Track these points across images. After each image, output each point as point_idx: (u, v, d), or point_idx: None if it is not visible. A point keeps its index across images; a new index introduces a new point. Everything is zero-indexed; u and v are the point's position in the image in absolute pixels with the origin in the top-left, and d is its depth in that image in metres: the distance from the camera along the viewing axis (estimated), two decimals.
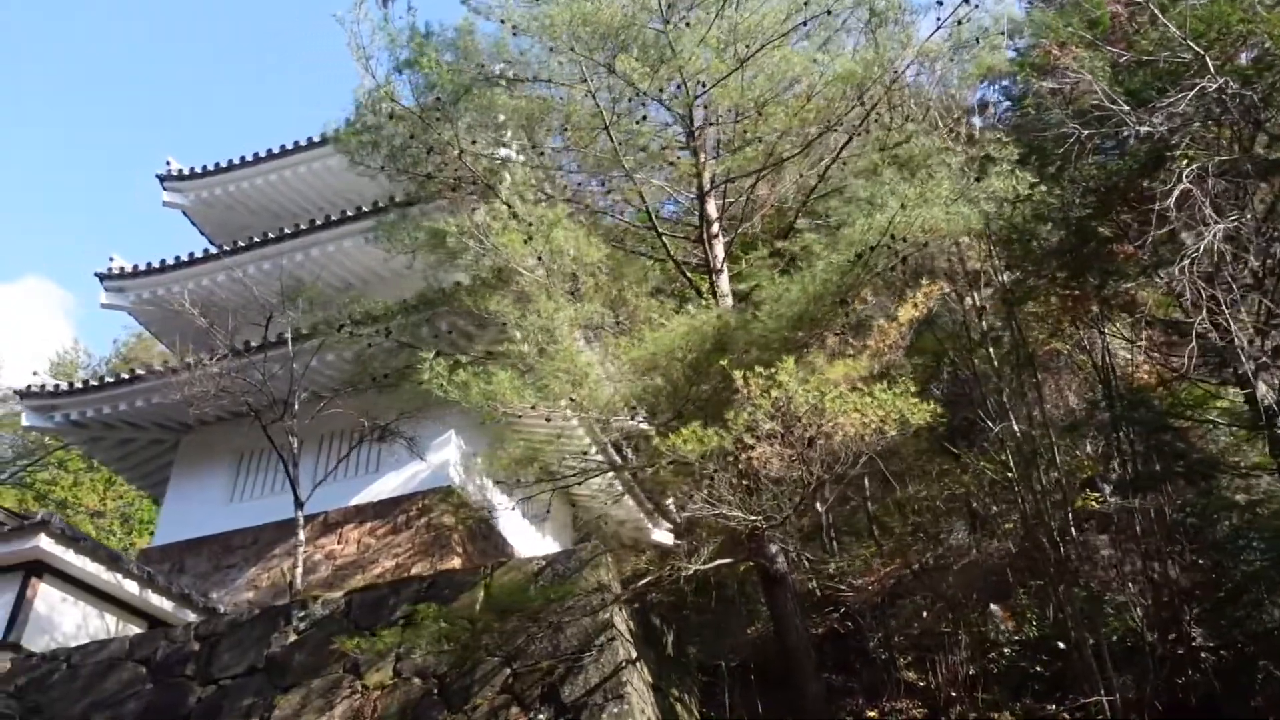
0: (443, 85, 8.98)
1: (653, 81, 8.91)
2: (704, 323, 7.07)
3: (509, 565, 10.03)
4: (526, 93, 9.71)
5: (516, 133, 9.87)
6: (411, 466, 16.52)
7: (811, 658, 9.65)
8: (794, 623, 9.68)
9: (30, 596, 12.05)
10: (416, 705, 8.94)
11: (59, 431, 18.01)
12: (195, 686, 10.04)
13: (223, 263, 18.87)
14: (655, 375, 7.21)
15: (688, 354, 7.14)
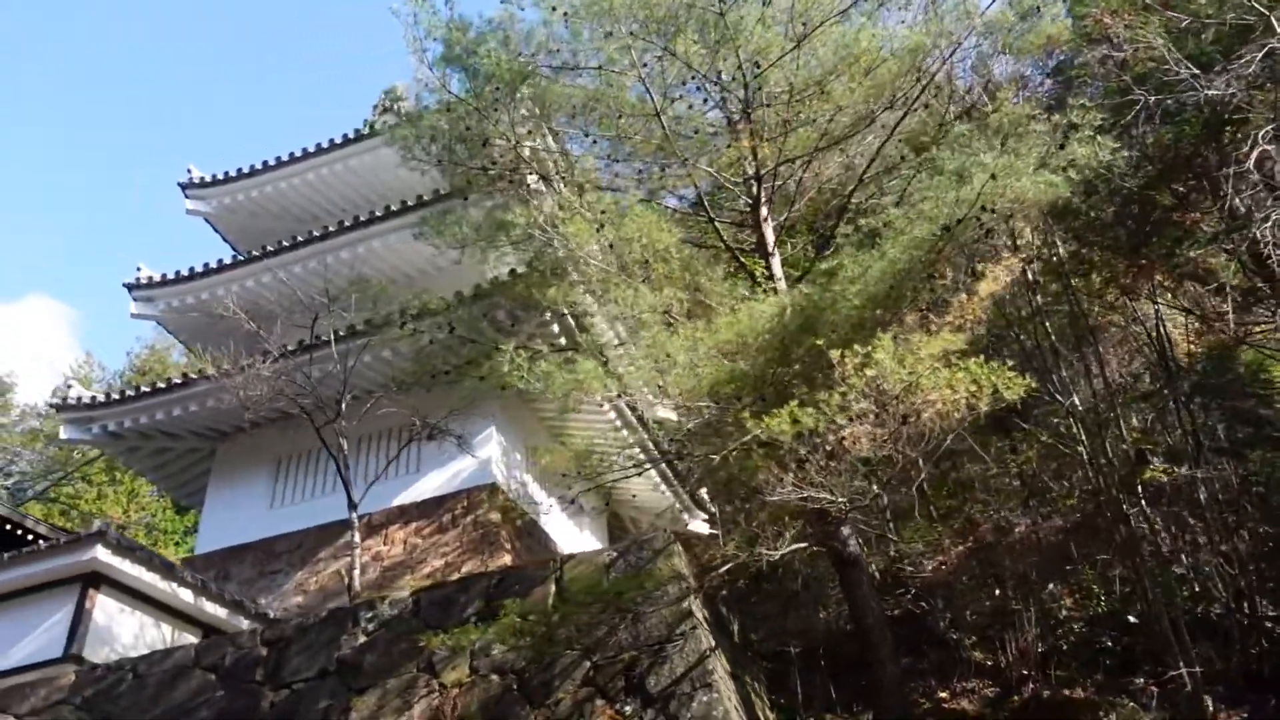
0: (500, 75, 8.85)
1: (711, 63, 8.78)
2: (791, 303, 6.95)
3: (579, 559, 9.93)
4: (574, 82, 9.58)
5: (566, 123, 9.75)
6: (453, 465, 16.44)
7: (888, 640, 9.55)
8: (870, 605, 9.59)
9: (89, 608, 11.99)
10: (497, 701, 8.85)
11: (96, 443, 17.96)
12: (267, 691, 9.97)
13: (254, 267, 18.79)
14: (737, 359, 7.10)
15: (774, 336, 7.03)
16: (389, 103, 23.66)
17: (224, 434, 18.18)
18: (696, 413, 7.37)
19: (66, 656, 11.60)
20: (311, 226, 21.54)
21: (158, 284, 19.59)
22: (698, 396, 7.02)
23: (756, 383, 7.03)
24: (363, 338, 14.17)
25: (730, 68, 8.97)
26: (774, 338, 7.00)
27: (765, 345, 7.08)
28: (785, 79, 9.54)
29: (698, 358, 6.98)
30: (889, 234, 7.14)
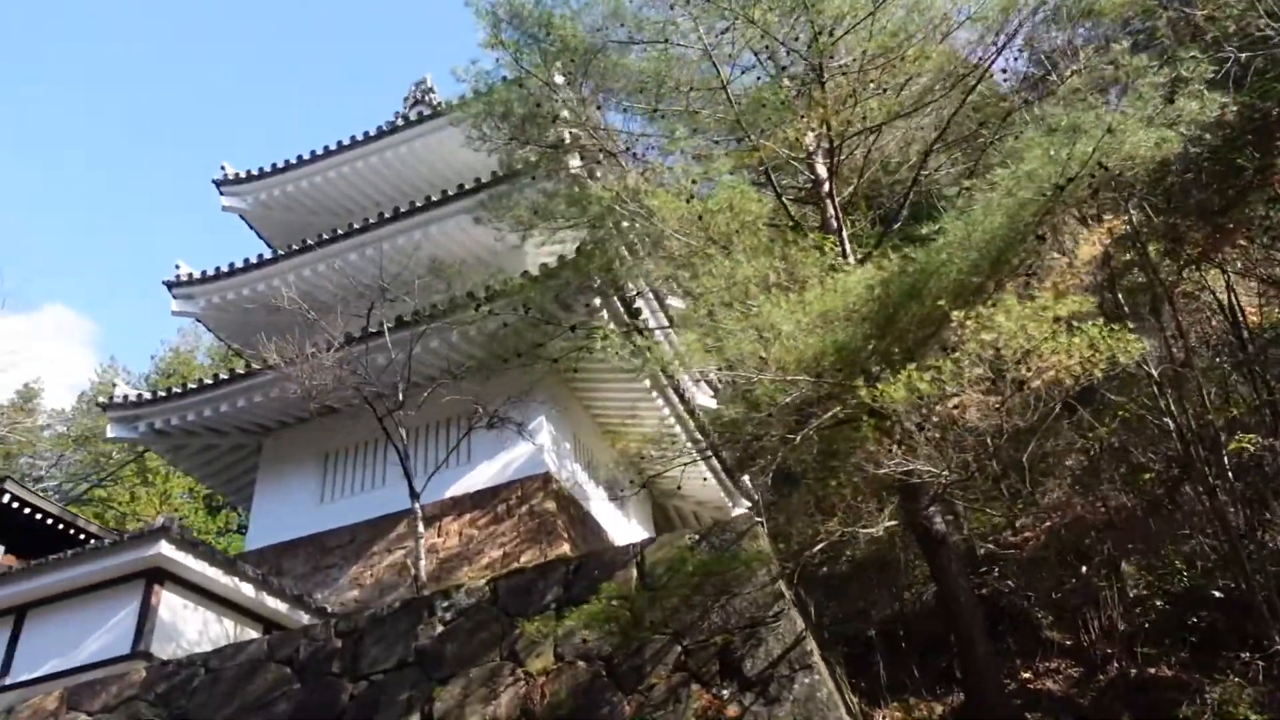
0: (575, 49, 8.65)
1: (786, 31, 8.57)
2: (896, 270, 6.74)
3: (660, 542, 9.76)
4: (643, 54, 9.37)
5: (635, 98, 9.55)
6: (503, 456, 16.30)
7: (980, 620, 9.34)
8: (960, 585, 9.38)
9: (154, 603, 11.91)
10: (587, 688, 8.69)
11: (142, 441, 17.91)
12: (345, 683, 9.84)
13: (300, 259, 18.68)
14: (835, 329, 6.89)
15: (878, 304, 6.82)
16: (419, 94, 23.52)
17: (269, 429, 18.09)
18: (791, 386, 7.15)
19: (135, 653, 11.51)
20: (345, 221, 21.47)
21: (198, 281, 19.53)
22: (799, 368, 6.82)
23: (859, 352, 6.83)
24: (430, 323, 14.00)
25: (805, 35, 8.75)
26: (878, 306, 6.79)
27: (869, 314, 6.86)
28: (858, 46, 9.30)
29: (800, 328, 6.78)
30: (994, 196, 6.91)
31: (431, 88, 23.50)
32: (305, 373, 12.41)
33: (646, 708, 8.31)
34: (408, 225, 17.93)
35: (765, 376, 6.96)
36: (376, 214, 19.40)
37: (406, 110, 23.13)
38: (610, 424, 19.21)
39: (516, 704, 8.84)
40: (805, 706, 7.76)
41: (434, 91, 23.45)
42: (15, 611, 12.53)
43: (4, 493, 15.11)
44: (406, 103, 23.40)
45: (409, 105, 23.25)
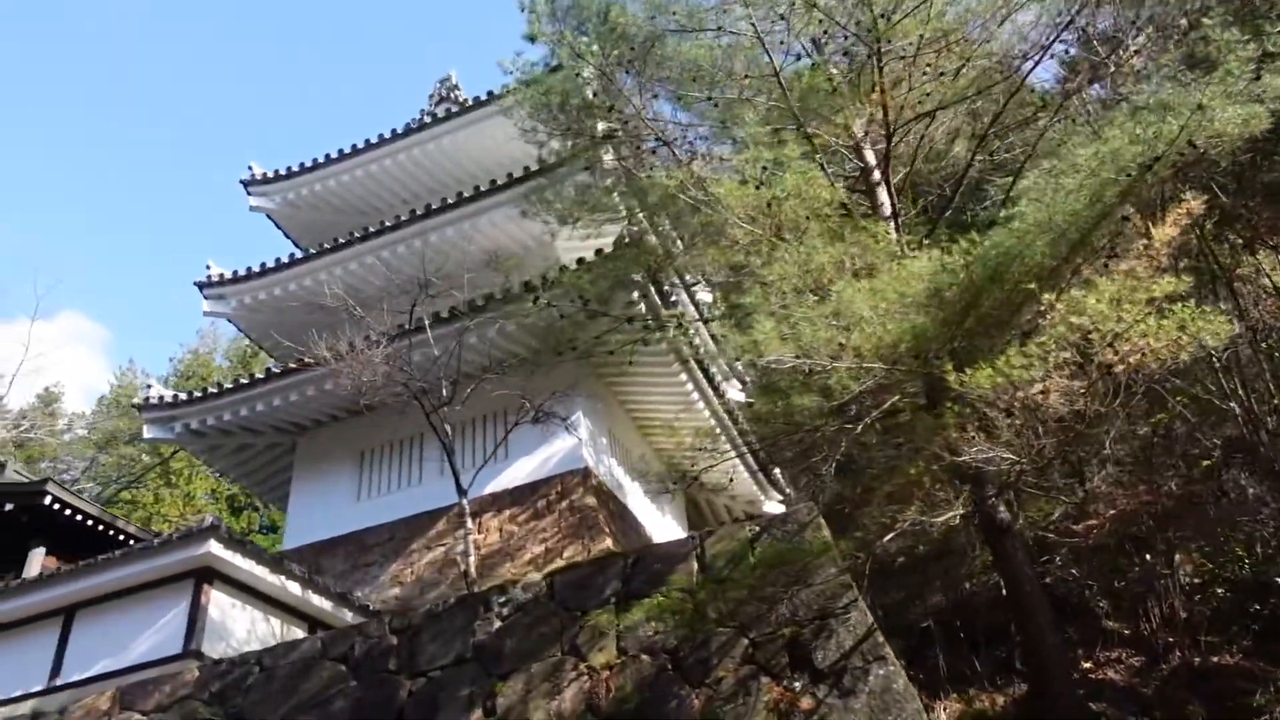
0: (633, 36, 8.54)
1: (845, 16, 8.46)
2: (981, 253, 6.61)
3: (720, 534, 9.66)
4: (697, 43, 9.26)
5: (688, 87, 9.43)
6: (541, 451, 16.23)
7: (1047, 610, 9.20)
8: (1026, 574, 9.23)
9: (204, 603, 11.88)
10: (652, 682, 8.60)
11: (178, 442, 17.91)
12: (403, 680, 9.77)
13: (338, 256, 18.65)
14: (916, 314, 6.77)
15: (963, 287, 6.70)
16: (445, 91, 23.46)
17: (304, 428, 18.08)
18: (864, 374, 7.03)
19: (187, 652, 11.48)
20: (372, 220, 21.43)
21: (229, 281, 19.51)
22: (876, 354, 6.70)
23: (937, 337, 6.71)
24: (480, 314, 13.98)
25: (865, 18, 8.62)
26: (960, 290, 6.66)
27: (949, 298, 6.74)
28: (915, 30, 9.18)
29: (879, 314, 6.67)
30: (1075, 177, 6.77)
31: (457, 85, 23.44)
32: (354, 369, 12.29)
33: (715, 701, 8.22)
34: (448, 219, 17.89)
35: (841, 364, 6.84)
36: (408, 211, 19.35)
37: (432, 107, 23.09)
38: (644, 419, 19.15)
39: (581, 699, 8.75)
40: (882, 699, 7.65)
41: (459, 89, 23.39)
42: (64, 612, 12.53)
43: (45, 494, 15.10)
44: (432, 100, 23.36)
45: (434, 102, 23.21)
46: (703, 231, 8.30)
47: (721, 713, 8.09)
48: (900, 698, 7.62)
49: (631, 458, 18.46)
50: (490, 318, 13.47)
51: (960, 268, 6.64)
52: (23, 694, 12.13)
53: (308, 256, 18.90)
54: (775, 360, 6.89)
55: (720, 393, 18.66)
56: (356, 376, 12.09)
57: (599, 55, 8.69)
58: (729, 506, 22.76)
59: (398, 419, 17.48)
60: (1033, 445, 7.06)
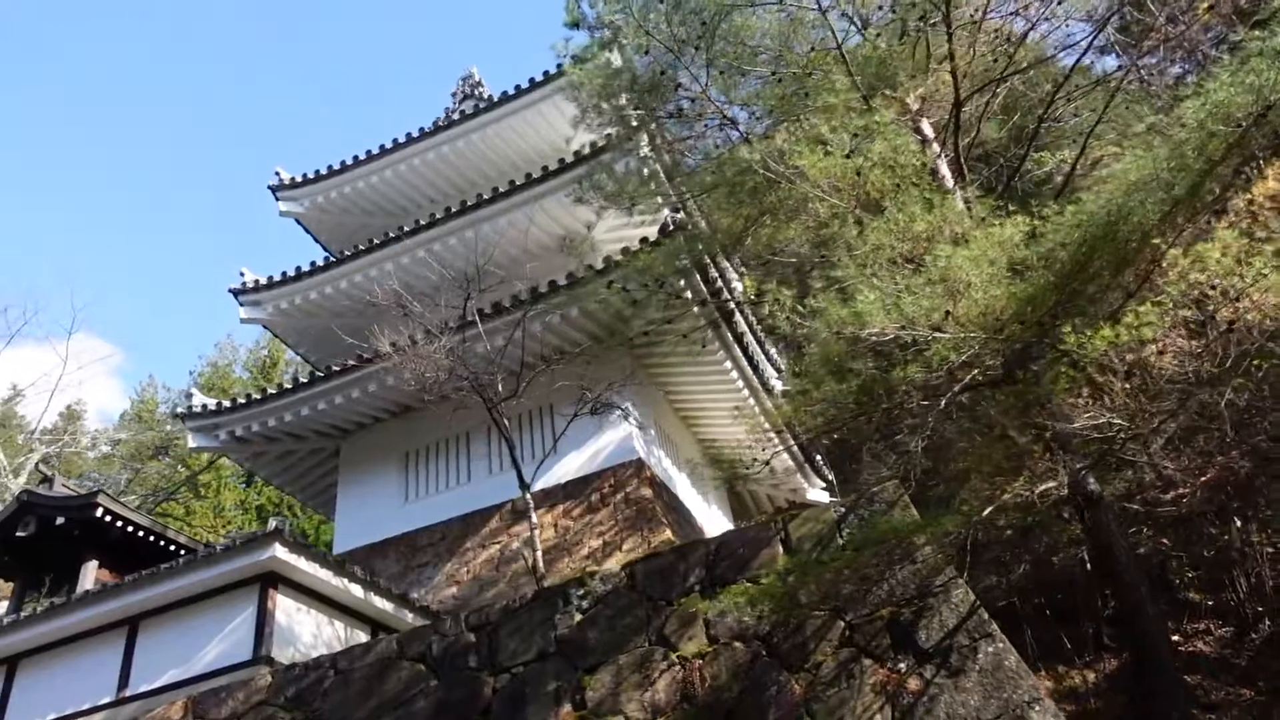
0: (702, 10, 8.35)
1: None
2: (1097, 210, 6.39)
3: (803, 517, 9.48)
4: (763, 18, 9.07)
5: (751, 63, 9.24)
6: (591, 445, 16.07)
7: (1144, 583, 9.00)
8: (1120, 545, 9.03)
9: (271, 608, 11.75)
10: (749, 669, 8.43)
11: (223, 450, 17.80)
12: (485, 677, 9.62)
13: (365, 260, 18.53)
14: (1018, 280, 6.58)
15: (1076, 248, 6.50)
16: (468, 88, 23.32)
17: (346, 432, 17.97)
18: (964, 344, 6.84)
19: (257, 658, 11.36)
20: (400, 222, 21.30)
21: (264, 287, 19.41)
22: (983, 322, 6.50)
23: (1044, 302, 6.50)
24: (548, 299, 13.91)
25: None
26: (1074, 250, 6.45)
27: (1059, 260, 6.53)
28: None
29: (987, 279, 6.48)
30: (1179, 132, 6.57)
31: (480, 81, 23.30)
32: (416, 363, 12.12)
33: (817, 685, 8.05)
34: (498, 209, 17.93)
35: (945, 334, 6.65)
36: (442, 208, 19.23)
37: (457, 105, 22.96)
38: (688, 411, 18.97)
39: (675, 689, 8.59)
40: (994, 676, 7.47)
41: (483, 85, 23.25)
42: (128, 623, 12.43)
43: (97, 506, 14.99)
44: (455, 97, 23.23)
45: (459, 100, 23.07)
46: (780, 207, 8.11)
47: (825, 697, 7.92)
48: (1013, 674, 7.43)
49: (678, 450, 18.29)
50: (561, 301, 13.33)
51: (1071, 227, 6.42)
52: (91, 707, 12.04)
53: (347, 257, 18.77)
54: (876, 332, 6.71)
55: (766, 383, 18.49)
56: (419, 371, 11.90)
57: (666, 32, 8.51)
58: (771, 496, 22.58)
59: (442, 419, 17.41)
60: (1145, 409, 6.85)
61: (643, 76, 8.89)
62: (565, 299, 13.41)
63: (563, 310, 13.79)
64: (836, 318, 6.61)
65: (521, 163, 21.28)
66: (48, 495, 15.77)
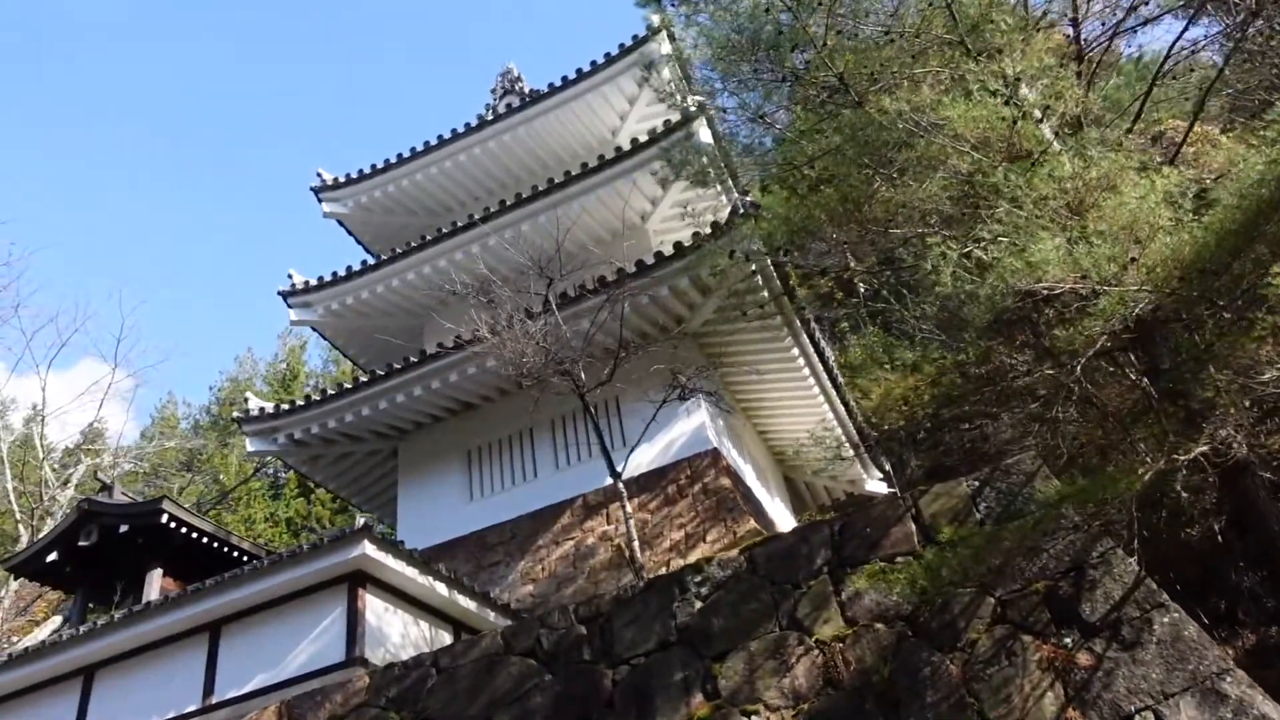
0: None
1: None
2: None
3: (935, 493, 9.08)
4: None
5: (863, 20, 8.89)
6: (663, 437, 15.69)
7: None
8: (1273, 511, 8.63)
9: (361, 608, 11.39)
10: (895, 651, 8.03)
11: (281, 453, 17.44)
12: (603, 669, 9.23)
13: (420, 257, 18.25)
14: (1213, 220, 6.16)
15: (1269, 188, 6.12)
16: (508, 84, 23.01)
17: (404, 432, 17.64)
18: (1137, 296, 6.46)
19: (351, 659, 10.99)
20: (444, 220, 21.02)
21: (314, 288, 19.12)
22: (1171, 269, 6.12)
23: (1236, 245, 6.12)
24: (654, 272, 13.85)
25: None
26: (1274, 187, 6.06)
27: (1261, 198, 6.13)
28: None
29: (1172, 223, 6.11)
30: None
31: (519, 76, 23.00)
32: (512, 348, 11.74)
33: (974, 664, 7.65)
34: (570, 193, 17.67)
35: (1127, 284, 6.26)
36: (487, 205, 18.95)
37: (497, 101, 22.67)
38: (749, 402, 18.60)
39: (816, 673, 8.19)
40: (1174, 647, 7.07)
41: (522, 80, 22.94)
42: (209, 628, 12.06)
43: (162, 513, 14.65)
44: (495, 94, 22.93)
45: (499, 96, 22.78)
46: (917, 164, 7.74)
47: (986, 676, 7.52)
48: (1196, 645, 7.03)
49: (743, 442, 17.92)
50: (677, 269, 13.08)
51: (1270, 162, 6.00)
52: (176, 715, 11.67)
53: (399, 255, 18.47)
54: (1048, 285, 6.33)
55: (833, 373, 18.13)
56: (513, 354, 11.52)
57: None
58: (829, 488, 22.22)
59: (503, 415, 17.09)
60: None
61: (765, 36, 8.52)
62: (650, 280, 13.07)
63: (651, 292, 13.45)
64: (1012, 268, 6.25)
65: (566, 156, 20.97)
66: (110, 503, 15.43)
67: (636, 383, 14.67)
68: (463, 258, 18.25)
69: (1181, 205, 6.82)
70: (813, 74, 8.65)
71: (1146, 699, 6.90)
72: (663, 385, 13.74)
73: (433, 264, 18.40)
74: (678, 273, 14.75)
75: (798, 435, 19.51)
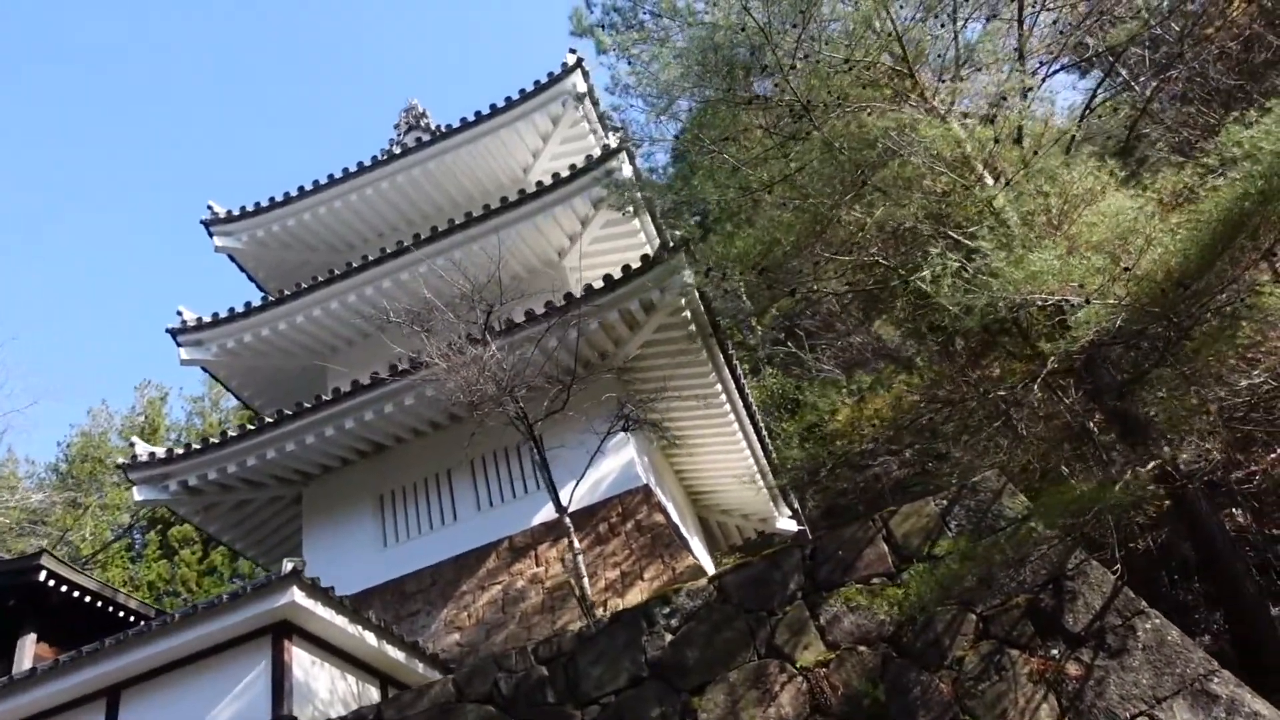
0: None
1: None
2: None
3: (903, 513, 9.07)
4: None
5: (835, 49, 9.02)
6: (591, 474, 15.20)
7: (1242, 557, 9.02)
8: (1215, 521, 9.05)
9: (288, 660, 10.46)
10: (882, 673, 7.90)
11: (172, 503, 16.07)
12: (570, 710, 8.72)
13: (326, 293, 17.39)
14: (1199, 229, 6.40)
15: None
16: (412, 119, 22.54)
17: (310, 477, 16.61)
18: (1115, 309, 6.68)
19: (277, 718, 10.03)
20: (345, 258, 20.25)
21: (208, 325, 17.94)
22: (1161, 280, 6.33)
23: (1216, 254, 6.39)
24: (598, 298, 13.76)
25: None
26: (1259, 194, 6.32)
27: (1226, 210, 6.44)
28: None
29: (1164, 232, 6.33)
30: None
31: (424, 112, 22.57)
32: (462, 375, 11.17)
33: (965, 681, 7.60)
34: (484, 230, 17.09)
35: (1109, 299, 6.45)
36: (396, 241, 18.34)
37: (401, 136, 22.15)
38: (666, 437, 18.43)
39: (802, 700, 7.96)
40: (1160, 652, 7.21)
41: (427, 116, 22.52)
42: (107, 694, 10.81)
43: (40, 569, 13.19)
44: (399, 130, 22.40)
45: (402, 131, 22.26)
46: (894, 183, 7.85)
47: (978, 693, 7.48)
48: (1180, 649, 7.19)
49: (664, 479, 17.70)
50: (617, 296, 12.84)
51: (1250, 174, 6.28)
52: None
53: (303, 290, 17.54)
54: (1048, 294, 6.46)
55: (751, 409, 18.22)
56: (465, 381, 10.97)
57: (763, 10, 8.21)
58: (740, 527, 22.23)
59: (417, 457, 16.33)
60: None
61: (727, 59, 8.51)
62: (592, 309, 12.85)
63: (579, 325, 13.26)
64: (1011, 279, 6.35)
65: (476, 193, 20.59)
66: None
67: (558, 420, 14.27)
68: (372, 293, 17.51)
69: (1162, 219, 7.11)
70: (778, 98, 8.69)
71: (1140, 704, 6.99)
72: (589, 421, 13.45)
73: (341, 299, 17.57)
74: (616, 301, 14.58)
75: (715, 473, 19.49)
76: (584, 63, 19.48)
